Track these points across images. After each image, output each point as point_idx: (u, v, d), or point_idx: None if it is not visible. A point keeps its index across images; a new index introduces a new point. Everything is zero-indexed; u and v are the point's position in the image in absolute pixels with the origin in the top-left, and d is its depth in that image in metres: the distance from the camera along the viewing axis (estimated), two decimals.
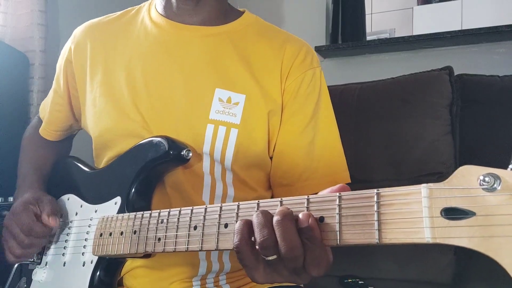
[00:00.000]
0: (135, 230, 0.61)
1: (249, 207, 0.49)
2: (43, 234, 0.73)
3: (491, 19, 1.90)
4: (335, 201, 0.43)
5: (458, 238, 0.35)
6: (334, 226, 0.43)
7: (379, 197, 0.40)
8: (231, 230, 0.49)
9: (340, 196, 0.43)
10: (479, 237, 0.35)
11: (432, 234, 0.36)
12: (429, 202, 0.37)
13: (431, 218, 0.37)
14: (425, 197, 0.37)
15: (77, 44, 0.83)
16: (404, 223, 0.38)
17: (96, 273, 0.68)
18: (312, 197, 0.45)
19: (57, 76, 0.88)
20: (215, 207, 0.52)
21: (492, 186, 0.34)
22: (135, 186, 0.69)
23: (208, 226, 0.52)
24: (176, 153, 0.68)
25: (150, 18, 0.82)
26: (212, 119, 0.72)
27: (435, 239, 0.36)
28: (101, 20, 0.86)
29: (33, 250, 0.74)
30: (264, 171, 0.79)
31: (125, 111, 0.75)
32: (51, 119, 0.90)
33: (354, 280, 1.20)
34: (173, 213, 0.57)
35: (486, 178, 0.35)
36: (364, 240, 0.41)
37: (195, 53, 0.76)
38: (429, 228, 0.37)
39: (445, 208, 0.36)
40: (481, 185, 0.35)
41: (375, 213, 0.40)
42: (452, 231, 0.36)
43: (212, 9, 0.79)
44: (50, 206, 0.74)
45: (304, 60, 0.78)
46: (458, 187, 0.36)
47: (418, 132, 1.29)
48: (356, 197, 0.42)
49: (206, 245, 0.52)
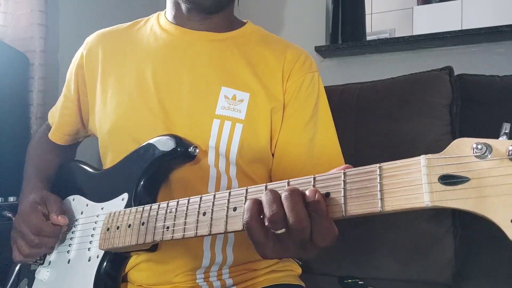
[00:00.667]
0: (143, 221, 0.62)
1: (258, 190, 0.52)
2: (53, 233, 0.74)
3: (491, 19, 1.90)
4: (340, 178, 0.47)
5: (454, 200, 0.39)
6: (339, 200, 0.46)
7: (381, 170, 0.44)
8: (240, 212, 0.52)
9: (345, 172, 0.47)
10: (473, 198, 0.38)
11: (431, 198, 0.40)
12: (427, 170, 0.41)
13: (429, 184, 0.40)
14: (423, 166, 0.41)
15: (89, 50, 0.88)
16: (405, 190, 0.42)
17: (102, 266, 0.69)
18: (318, 176, 0.49)
19: (68, 82, 0.93)
20: (224, 193, 0.54)
21: (484, 153, 0.38)
22: (142, 183, 0.71)
23: (217, 211, 0.54)
24: (184, 150, 0.70)
25: (159, 25, 0.87)
26: (218, 114, 0.76)
27: (433, 202, 0.40)
28: (112, 29, 0.91)
29: (42, 249, 0.76)
30: (266, 166, 0.83)
31: (134, 107, 0.78)
32: (61, 122, 0.94)
33: (354, 280, 1.20)
34: (182, 202, 0.59)
35: (479, 146, 0.38)
36: (368, 209, 0.44)
37: (202, 54, 0.81)
38: (428, 193, 0.40)
39: (442, 175, 0.40)
40: (474, 153, 0.39)
41: (378, 184, 0.44)
42: (448, 195, 0.39)
43: (220, 19, 0.85)
44: (57, 205, 0.77)
45: (304, 64, 0.84)
46: (453, 155, 0.40)
47: (418, 132, 1.29)
48: (360, 172, 0.46)
49: (215, 229, 0.53)
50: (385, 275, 1.25)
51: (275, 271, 0.84)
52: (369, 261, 1.28)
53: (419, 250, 1.23)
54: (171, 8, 0.86)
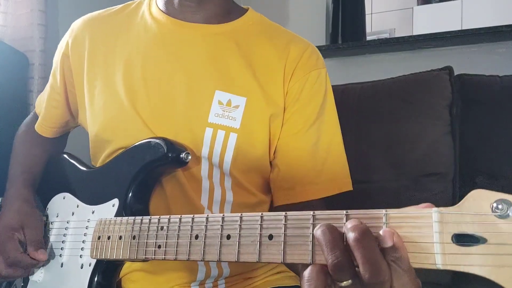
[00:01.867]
0: (134, 235, 0.60)
1: (252, 219, 0.48)
2: (29, 266, 0.72)
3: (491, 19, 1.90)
4: (342, 219, 0.41)
5: (469, 266, 0.35)
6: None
7: (387, 219, 0.39)
8: (234, 242, 0.48)
9: (348, 214, 0.41)
10: (490, 265, 0.34)
11: (443, 260, 0.36)
12: (440, 227, 0.36)
13: (442, 244, 0.36)
14: (436, 221, 0.36)
15: (75, 38, 0.81)
16: (414, 247, 0.37)
17: (94, 276, 0.67)
18: (318, 213, 0.43)
19: (53, 71, 0.86)
20: (217, 217, 0.51)
21: (506, 213, 0.34)
22: (133, 189, 0.68)
23: (210, 236, 0.51)
24: (175, 156, 0.66)
25: (150, 13, 0.79)
26: (211, 123, 0.70)
27: (445, 265, 0.36)
28: (100, 14, 0.84)
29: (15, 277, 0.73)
30: (264, 175, 0.77)
31: (122, 110, 0.73)
32: (47, 115, 0.87)
33: None
34: (173, 220, 0.56)
35: (499, 206, 0.34)
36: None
37: (196, 52, 0.74)
38: (440, 254, 0.36)
39: (456, 233, 0.36)
40: (494, 211, 0.34)
41: None
42: (463, 258, 0.35)
43: (215, 7, 0.77)
44: (35, 235, 0.73)
45: (309, 60, 0.76)
46: (470, 212, 0.35)
47: (418, 132, 1.29)
48: (364, 216, 0.40)
49: (208, 256, 0.51)
50: None
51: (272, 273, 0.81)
52: None
53: None
54: None
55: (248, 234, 0.47)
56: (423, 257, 0.37)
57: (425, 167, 1.28)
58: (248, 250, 0.47)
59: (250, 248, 0.47)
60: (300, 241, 0.43)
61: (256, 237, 0.46)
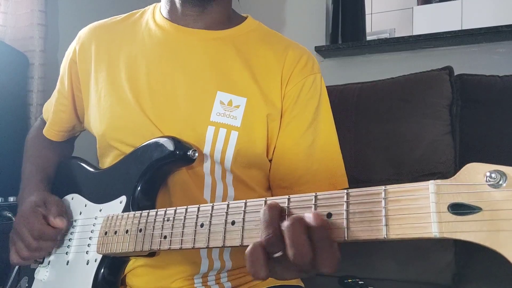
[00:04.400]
0: (141, 228, 0.62)
1: (256, 204, 0.50)
2: (53, 237, 0.73)
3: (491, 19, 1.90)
4: (342, 198, 0.44)
5: (465, 232, 0.36)
6: (342, 223, 0.43)
7: (386, 194, 0.41)
8: (238, 227, 0.50)
9: (348, 193, 0.44)
10: (485, 231, 0.35)
11: (440, 228, 0.37)
12: (436, 198, 0.38)
13: (438, 213, 0.37)
14: (432, 192, 0.38)
15: (82, 44, 0.84)
16: (412, 218, 0.39)
17: (100, 271, 0.68)
18: (320, 194, 0.46)
19: (61, 77, 0.90)
20: (223, 205, 0.53)
21: (498, 183, 0.35)
22: (140, 185, 0.69)
23: (215, 223, 0.52)
24: (182, 153, 0.68)
25: (154, 21, 0.83)
26: (213, 121, 0.73)
27: (442, 233, 0.37)
28: (106, 22, 0.87)
29: (41, 253, 0.75)
30: (264, 172, 0.80)
31: (129, 110, 0.76)
32: (55, 119, 0.91)
33: (354, 280, 1.20)
34: (179, 211, 0.58)
35: (493, 175, 0.35)
36: (372, 236, 0.41)
37: (198, 55, 0.78)
38: (437, 223, 0.37)
39: (452, 203, 0.37)
40: (487, 181, 0.36)
41: (383, 209, 0.41)
42: (459, 226, 0.37)
43: (216, 14, 0.80)
44: (57, 207, 0.75)
45: (305, 66, 0.80)
46: (465, 183, 0.37)
47: (418, 132, 1.29)
48: (364, 193, 0.43)
49: (212, 243, 0.52)
50: (385, 275, 1.25)
51: None
52: (369, 262, 1.28)
53: (419, 251, 1.23)
54: (166, 2, 0.82)
55: (252, 218, 0.49)
56: (421, 227, 0.38)
57: (425, 167, 1.28)
58: (252, 234, 0.49)
59: (254, 232, 0.49)
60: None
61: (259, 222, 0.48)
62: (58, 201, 0.78)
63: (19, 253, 0.74)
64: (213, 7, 0.79)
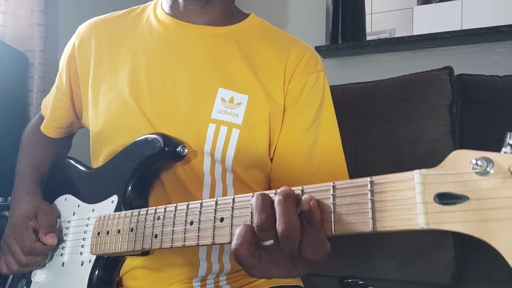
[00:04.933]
0: (132, 227, 0.61)
1: (244, 200, 0.49)
2: (43, 252, 0.73)
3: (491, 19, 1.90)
4: (329, 191, 0.43)
5: (452, 223, 0.35)
6: (329, 216, 0.42)
7: (372, 185, 0.40)
8: (227, 224, 0.49)
9: (334, 185, 0.43)
10: (473, 221, 0.34)
11: (426, 220, 0.36)
12: (422, 188, 0.37)
13: (424, 204, 0.36)
14: (418, 183, 0.37)
15: (81, 40, 0.83)
16: (398, 210, 0.38)
17: (94, 272, 0.68)
18: (306, 187, 0.45)
19: (60, 73, 0.88)
20: (211, 202, 0.52)
21: (485, 170, 0.34)
22: (131, 184, 0.69)
23: (204, 220, 0.52)
24: (172, 150, 0.67)
25: (155, 16, 0.81)
26: (214, 119, 0.72)
27: (428, 225, 0.36)
28: (106, 18, 0.86)
29: (31, 268, 0.74)
30: (264, 172, 0.79)
31: (126, 107, 0.74)
32: (53, 115, 0.89)
33: (354, 280, 1.20)
34: (169, 209, 0.57)
35: (479, 162, 0.34)
36: (359, 229, 0.40)
37: (199, 51, 0.76)
38: (423, 214, 0.36)
39: (438, 193, 0.36)
40: (474, 169, 0.34)
41: (369, 201, 0.40)
42: (445, 216, 0.35)
43: (218, 10, 0.79)
44: (47, 220, 0.74)
45: (308, 63, 0.78)
46: (451, 172, 0.36)
47: (418, 132, 1.29)
48: (350, 185, 0.42)
49: (202, 241, 0.52)
50: (385, 275, 1.25)
51: None
52: (369, 262, 1.28)
53: (419, 251, 1.23)
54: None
55: (240, 214, 0.49)
56: (407, 219, 0.37)
57: (425, 167, 1.27)
58: None
59: None
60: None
61: (248, 217, 0.48)
62: (48, 211, 0.76)
63: (8, 266, 0.73)
64: (216, 2, 0.78)
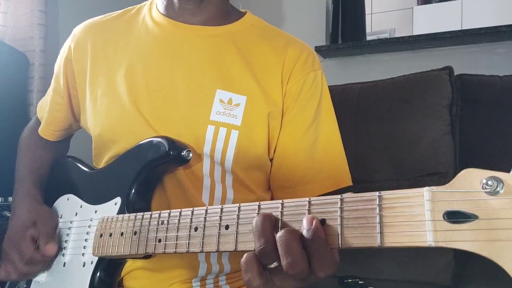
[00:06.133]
0: (135, 231, 0.61)
1: (250, 209, 0.49)
2: (43, 261, 0.73)
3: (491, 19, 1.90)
4: (337, 204, 0.43)
5: (460, 242, 0.35)
6: (335, 229, 0.42)
7: (381, 200, 0.40)
8: (232, 231, 0.49)
9: (342, 198, 0.43)
10: (481, 241, 0.34)
11: (435, 237, 0.36)
12: (431, 205, 0.37)
13: (433, 221, 0.36)
14: (427, 200, 0.37)
15: (77, 42, 0.82)
16: (406, 226, 0.38)
17: (96, 273, 0.67)
18: (314, 199, 0.45)
19: (56, 75, 0.87)
20: (216, 209, 0.52)
21: (495, 190, 0.34)
22: (135, 187, 0.68)
23: (209, 227, 0.52)
24: (176, 154, 0.67)
25: (151, 17, 0.81)
26: (212, 120, 0.72)
27: (437, 242, 0.36)
28: (101, 19, 0.85)
29: (30, 276, 0.75)
30: (264, 173, 0.79)
31: (125, 110, 0.74)
32: (51, 119, 0.89)
33: (354, 280, 1.20)
34: (173, 214, 0.57)
35: (489, 182, 0.34)
36: (366, 243, 0.40)
37: (196, 53, 0.76)
38: (432, 231, 0.36)
39: (447, 211, 0.36)
40: (484, 188, 0.34)
41: (377, 215, 0.40)
42: (454, 234, 0.35)
43: (214, 9, 0.78)
44: (47, 229, 0.74)
45: (306, 62, 0.78)
46: (461, 190, 0.36)
47: (418, 132, 1.29)
48: (358, 199, 0.42)
49: (207, 247, 0.51)
50: (386, 275, 1.25)
51: None
52: (369, 262, 1.28)
53: (419, 251, 1.23)
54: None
55: (246, 223, 0.48)
56: (416, 236, 0.37)
57: (425, 167, 1.28)
58: (245, 239, 0.48)
59: (248, 236, 0.48)
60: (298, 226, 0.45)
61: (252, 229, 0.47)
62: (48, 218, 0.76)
63: (8, 274, 0.73)
64: (210, 1, 0.77)
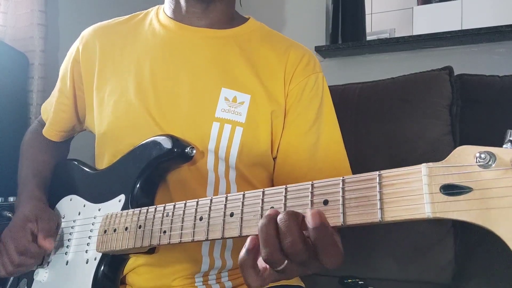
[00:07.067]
0: (140, 224, 0.62)
1: (254, 195, 0.50)
2: (36, 255, 0.73)
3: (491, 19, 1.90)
4: (338, 185, 0.45)
5: (457, 212, 0.37)
6: (338, 208, 0.44)
7: (380, 178, 0.43)
8: (237, 219, 0.51)
9: (344, 179, 0.45)
10: (476, 210, 0.37)
11: (432, 209, 0.38)
12: (428, 180, 0.39)
13: (431, 194, 0.39)
14: (425, 175, 0.39)
15: (85, 44, 0.85)
16: (405, 200, 0.40)
17: (100, 269, 0.68)
18: (316, 182, 0.47)
19: (63, 77, 0.89)
20: (221, 198, 0.53)
21: (488, 163, 0.37)
22: (139, 184, 0.70)
23: (214, 216, 0.53)
24: (180, 151, 0.69)
25: (158, 20, 0.84)
26: (218, 117, 0.74)
27: (435, 213, 0.38)
28: (109, 23, 0.88)
29: (23, 269, 0.75)
30: (267, 170, 0.81)
31: (131, 106, 0.76)
32: (56, 119, 0.91)
33: (354, 280, 1.20)
34: (178, 206, 0.58)
35: (482, 155, 0.37)
36: (367, 219, 0.42)
37: (202, 53, 0.79)
38: (429, 203, 0.39)
39: (443, 184, 0.38)
40: (477, 162, 0.37)
41: (378, 193, 0.42)
42: (451, 205, 0.38)
43: (220, 13, 0.82)
44: (48, 225, 0.75)
45: (307, 65, 0.81)
46: (456, 164, 0.38)
47: (418, 132, 1.29)
48: (359, 179, 0.44)
49: (212, 235, 0.53)
50: (385, 275, 1.25)
51: None
52: (369, 262, 1.28)
53: (419, 250, 1.23)
54: (170, 2, 0.83)
55: (250, 210, 0.50)
56: (415, 209, 0.40)
57: None
58: (250, 224, 0.50)
59: (252, 222, 0.50)
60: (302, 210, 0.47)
61: (258, 212, 0.49)
62: (51, 218, 0.77)
63: (4, 266, 0.74)
64: (217, 5, 0.80)
